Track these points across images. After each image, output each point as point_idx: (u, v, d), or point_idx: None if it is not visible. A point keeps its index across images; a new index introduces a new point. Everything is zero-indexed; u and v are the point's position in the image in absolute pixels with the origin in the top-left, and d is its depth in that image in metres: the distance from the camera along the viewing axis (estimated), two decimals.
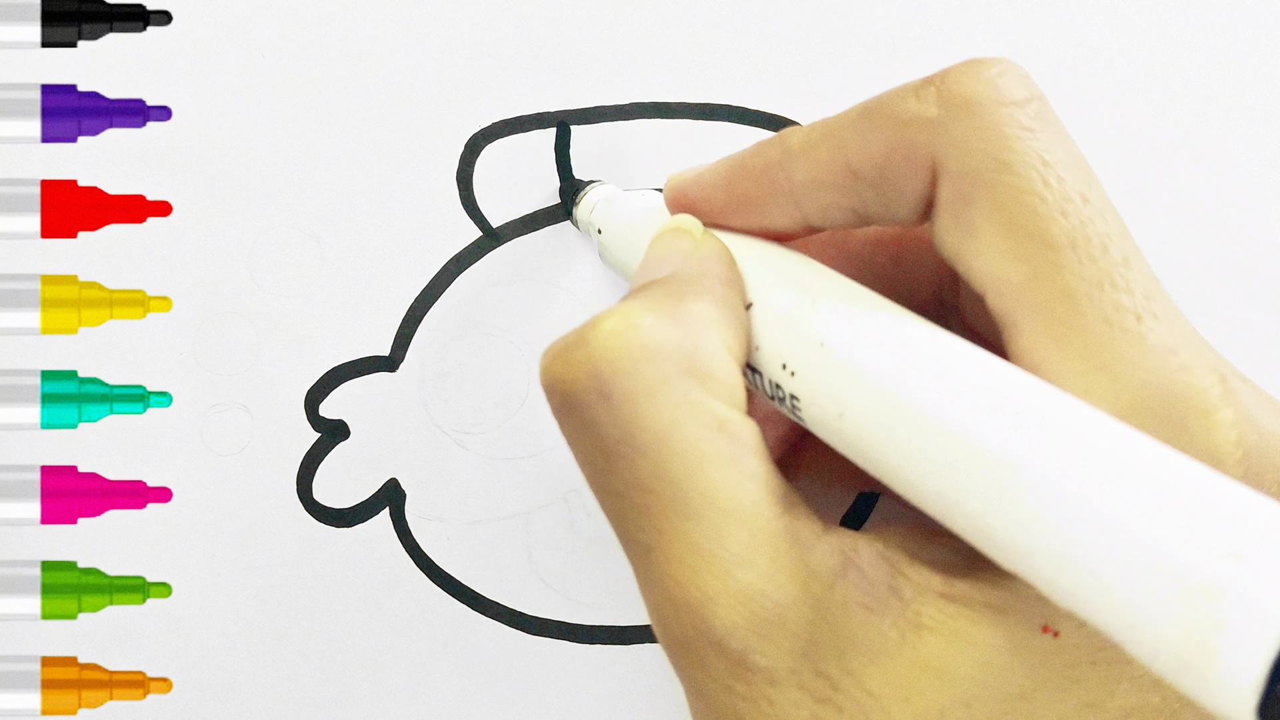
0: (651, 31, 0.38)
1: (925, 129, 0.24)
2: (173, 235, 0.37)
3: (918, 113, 0.24)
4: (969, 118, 0.23)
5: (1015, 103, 0.23)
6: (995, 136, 0.23)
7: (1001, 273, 0.23)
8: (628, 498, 0.24)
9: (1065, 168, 0.23)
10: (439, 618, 0.37)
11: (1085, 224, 0.23)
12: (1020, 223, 0.23)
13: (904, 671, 0.22)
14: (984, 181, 0.23)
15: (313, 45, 0.37)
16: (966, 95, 0.23)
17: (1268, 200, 0.39)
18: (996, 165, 0.23)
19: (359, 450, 0.37)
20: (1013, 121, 0.23)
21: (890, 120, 0.24)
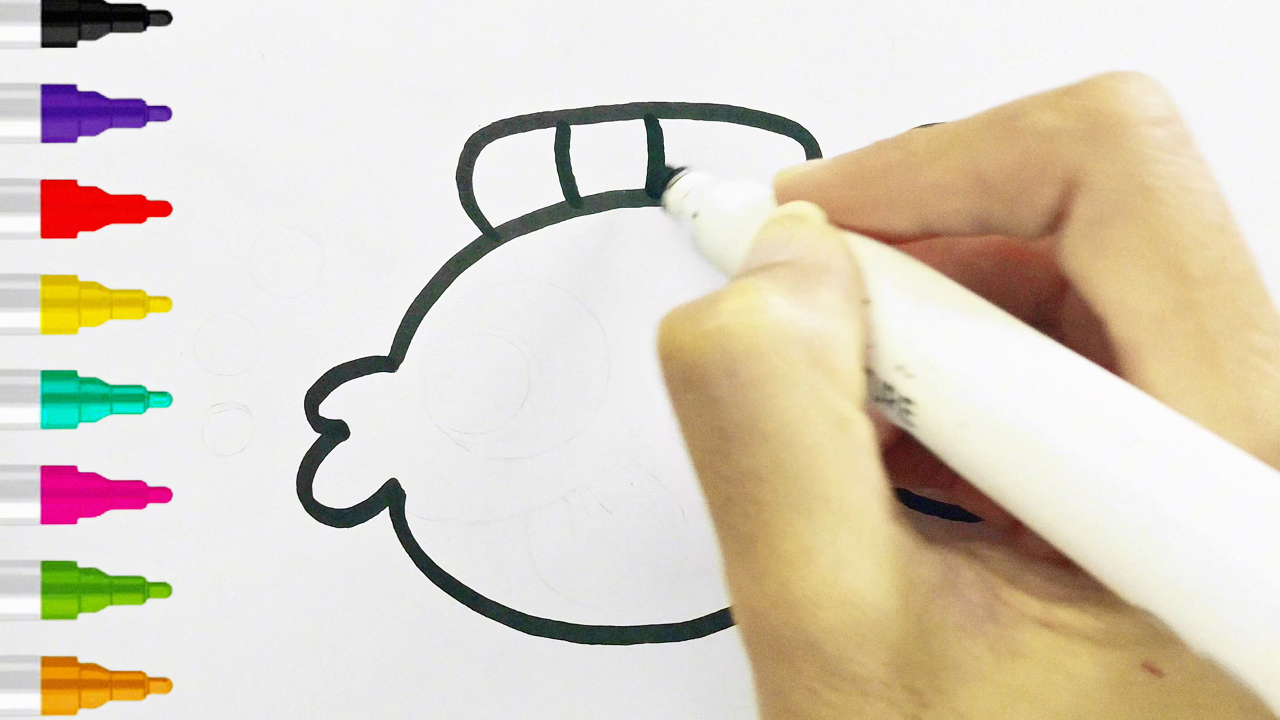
0: (651, 31, 0.38)
1: (1065, 142, 0.23)
2: (173, 235, 0.37)
3: (1058, 125, 0.23)
4: (1113, 136, 0.23)
5: (1158, 122, 0.23)
6: (1139, 159, 0.23)
7: (1135, 302, 0.22)
8: (739, 485, 0.23)
9: (1206, 196, 0.23)
10: (439, 618, 0.37)
11: (1224, 258, 0.23)
12: (1161, 253, 0.22)
13: (996, 696, 0.22)
14: (1126, 205, 0.23)
15: (313, 45, 0.37)
16: (1110, 111, 0.23)
17: (1268, 200, 0.39)
18: (1140, 190, 0.23)
19: (359, 450, 0.37)
20: (1156, 143, 0.23)
21: (1028, 131, 0.24)
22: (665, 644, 0.37)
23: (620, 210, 0.38)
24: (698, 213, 0.31)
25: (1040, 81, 0.38)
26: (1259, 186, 0.39)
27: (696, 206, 0.31)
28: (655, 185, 0.36)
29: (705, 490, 0.24)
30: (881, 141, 0.26)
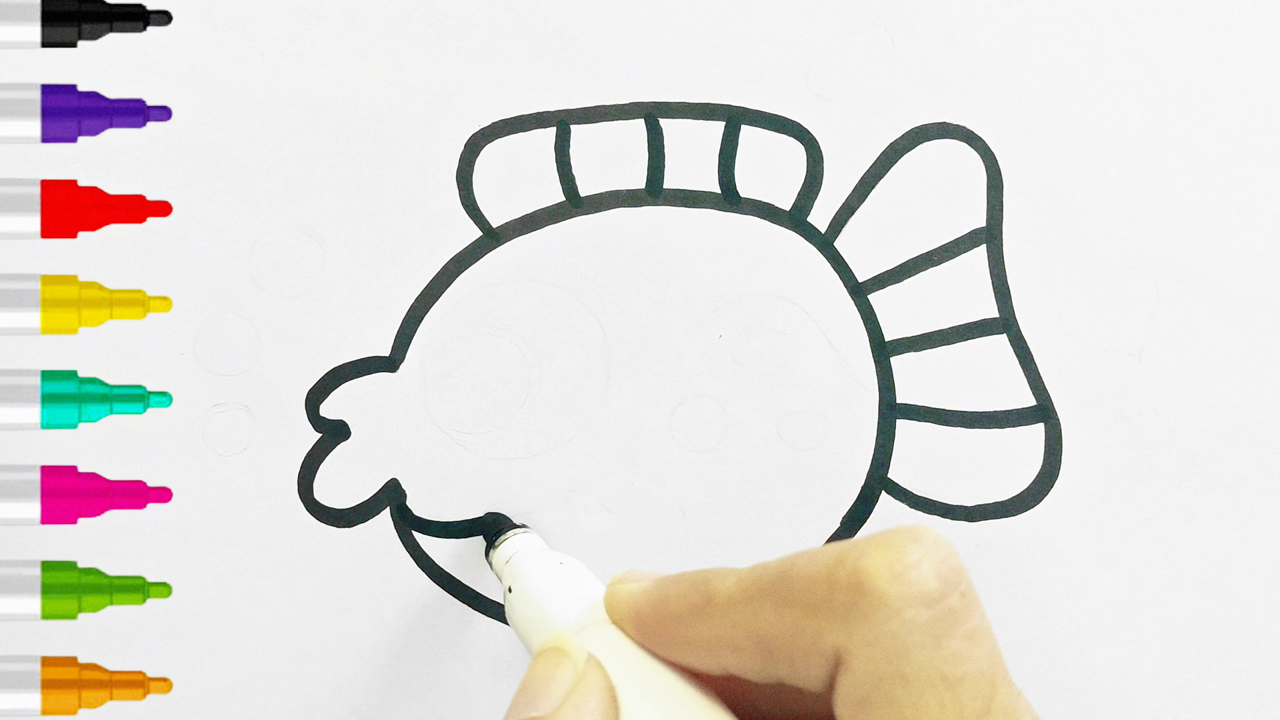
0: (651, 31, 0.38)
1: (831, 619, 0.23)
2: (173, 235, 0.37)
3: (827, 600, 0.23)
4: (875, 618, 0.23)
5: (926, 601, 0.23)
6: (897, 646, 0.23)
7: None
8: None
9: (967, 685, 0.23)
10: (439, 617, 0.37)
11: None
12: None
13: None
14: (882, 693, 0.23)
15: (313, 45, 0.37)
16: (874, 589, 0.23)
17: (1268, 200, 0.39)
18: (896, 678, 0.23)
19: (360, 450, 0.37)
20: (918, 628, 0.23)
21: (801, 602, 0.24)
22: None
23: (620, 210, 0.38)
24: (512, 588, 0.31)
25: (1040, 82, 0.38)
26: (1259, 186, 0.39)
27: (511, 581, 0.32)
28: (487, 536, 0.37)
29: None
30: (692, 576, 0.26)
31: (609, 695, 0.26)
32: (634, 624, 0.27)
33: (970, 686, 0.23)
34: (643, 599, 0.27)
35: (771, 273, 0.38)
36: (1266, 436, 0.39)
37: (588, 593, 0.30)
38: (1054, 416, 0.38)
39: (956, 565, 0.23)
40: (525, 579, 0.31)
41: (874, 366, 0.38)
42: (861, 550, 0.23)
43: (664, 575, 0.28)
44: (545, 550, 0.33)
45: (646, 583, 0.27)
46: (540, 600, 0.30)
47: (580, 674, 0.26)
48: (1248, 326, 0.38)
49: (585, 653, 0.27)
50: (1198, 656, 0.39)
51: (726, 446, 0.38)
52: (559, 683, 0.26)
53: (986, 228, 0.38)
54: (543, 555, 0.32)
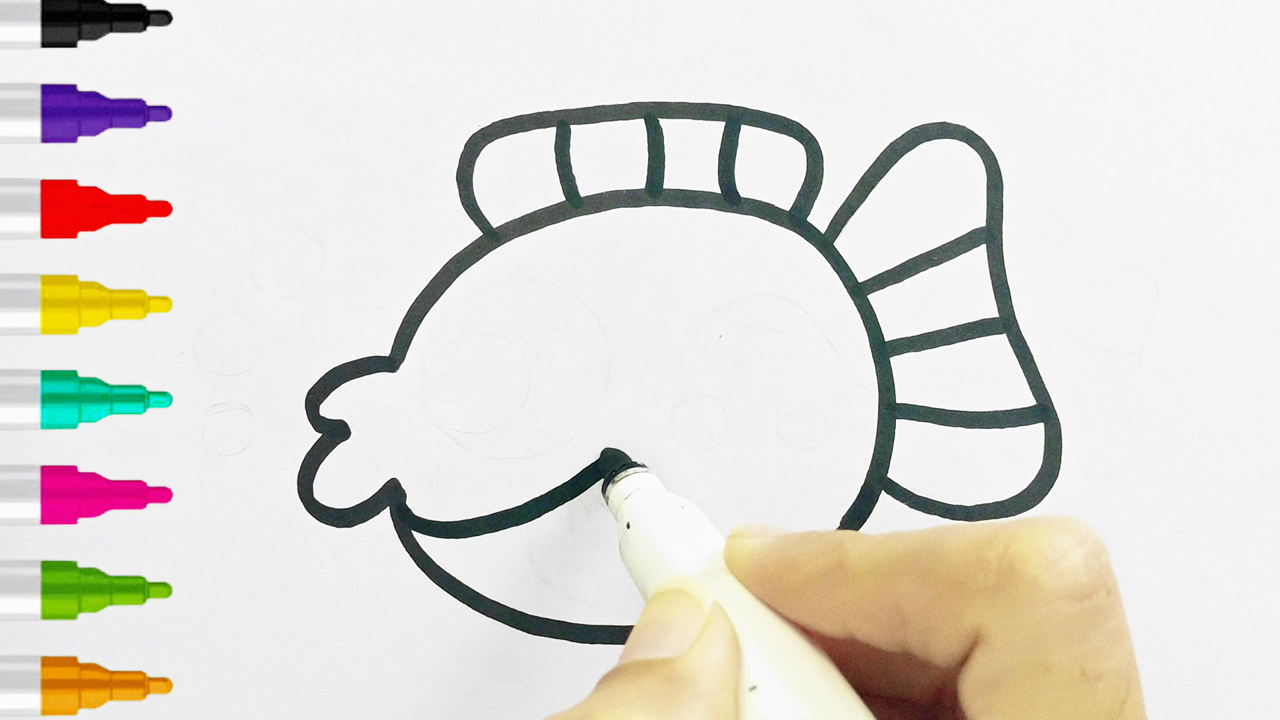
0: (651, 31, 0.38)
1: (977, 597, 0.23)
2: (173, 235, 0.37)
3: (975, 579, 0.23)
4: (1023, 604, 0.23)
5: (1076, 594, 0.23)
6: (1041, 636, 0.23)
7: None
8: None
9: (1105, 680, 0.23)
10: (439, 617, 0.37)
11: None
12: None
13: None
14: (1019, 677, 0.23)
15: (313, 45, 0.37)
16: (1026, 575, 0.23)
17: (1268, 200, 0.39)
18: (1037, 667, 0.23)
19: (360, 450, 0.37)
20: (1064, 621, 0.23)
21: (946, 577, 0.24)
22: None
23: (620, 210, 0.38)
24: (630, 524, 0.31)
25: (1040, 82, 0.38)
26: (1259, 186, 0.39)
27: (630, 518, 0.32)
28: (605, 471, 0.36)
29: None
30: (823, 540, 0.26)
31: (735, 642, 0.26)
32: (756, 580, 0.27)
33: (1108, 684, 0.23)
34: (768, 557, 0.27)
35: (771, 273, 0.38)
36: (1266, 436, 0.39)
37: (707, 540, 0.30)
38: (1054, 416, 0.38)
39: (1106, 561, 0.23)
40: (645, 518, 0.31)
41: (874, 366, 0.38)
42: (1014, 534, 0.23)
43: (789, 533, 0.27)
44: (665, 492, 0.33)
45: (770, 539, 0.27)
46: (660, 541, 0.30)
47: (707, 618, 0.26)
48: (1248, 326, 0.38)
49: (711, 597, 0.27)
50: (1198, 657, 0.39)
51: (726, 446, 0.38)
52: (686, 624, 0.26)
53: (986, 228, 0.38)
54: (663, 496, 0.32)
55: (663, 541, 0.30)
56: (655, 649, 0.26)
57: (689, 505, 0.31)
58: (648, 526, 0.30)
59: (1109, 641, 0.23)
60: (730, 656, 0.26)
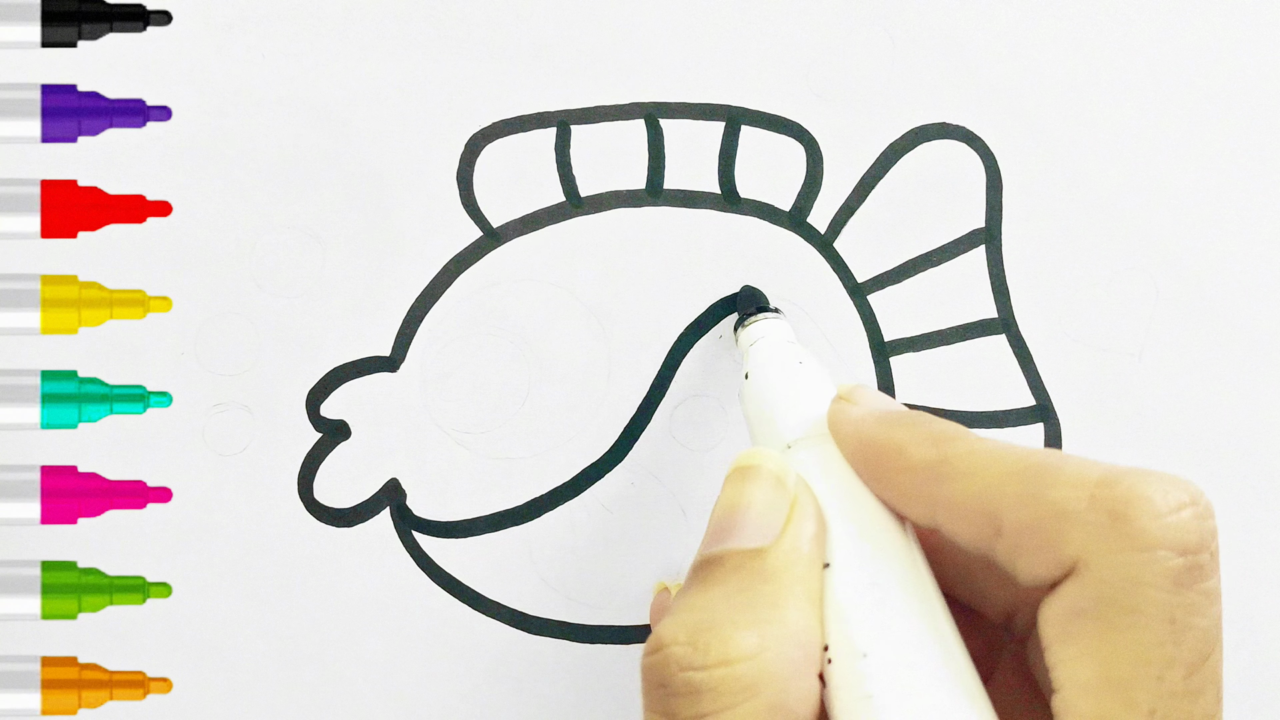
0: (651, 31, 0.38)
1: (1081, 529, 0.24)
2: (173, 235, 0.37)
3: (1084, 515, 0.24)
4: (1128, 548, 0.23)
5: (1181, 550, 0.23)
6: (1139, 579, 0.23)
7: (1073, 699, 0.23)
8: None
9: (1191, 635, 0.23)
10: (439, 617, 0.37)
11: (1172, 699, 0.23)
12: (1115, 672, 0.23)
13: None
14: (1108, 613, 0.23)
15: (313, 45, 0.37)
16: (1136, 522, 0.23)
17: (1268, 200, 0.39)
18: (1126, 606, 0.23)
19: (360, 450, 0.37)
20: (1165, 573, 0.23)
21: (1054, 504, 0.24)
22: None
23: (620, 210, 0.38)
24: (748, 374, 0.31)
25: (1040, 82, 0.38)
26: (1259, 186, 0.39)
27: (749, 368, 0.31)
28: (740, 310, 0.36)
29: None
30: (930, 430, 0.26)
31: (822, 526, 0.26)
32: (855, 453, 0.27)
33: (1193, 638, 0.23)
34: (872, 432, 0.27)
35: (771, 273, 0.38)
36: (1266, 436, 0.39)
37: (821, 398, 0.29)
38: (1054, 416, 0.38)
39: (1213, 526, 0.24)
40: (762, 371, 0.31)
41: (873, 367, 0.38)
42: (1133, 480, 0.24)
43: (896, 409, 0.27)
44: (790, 344, 0.33)
45: (877, 411, 0.27)
46: (771, 400, 0.30)
47: (793, 501, 0.26)
48: (1248, 326, 0.38)
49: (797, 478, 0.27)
50: None
51: (726, 446, 0.38)
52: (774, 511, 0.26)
53: (986, 228, 0.38)
54: (785, 349, 0.32)
55: (773, 400, 0.30)
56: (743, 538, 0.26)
57: (809, 360, 0.31)
58: (762, 381, 0.30)
59: (1203, 599, 0.23)
60: (818, 537, 0.26)
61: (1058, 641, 0.24)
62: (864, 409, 0.27)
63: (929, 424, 0.26)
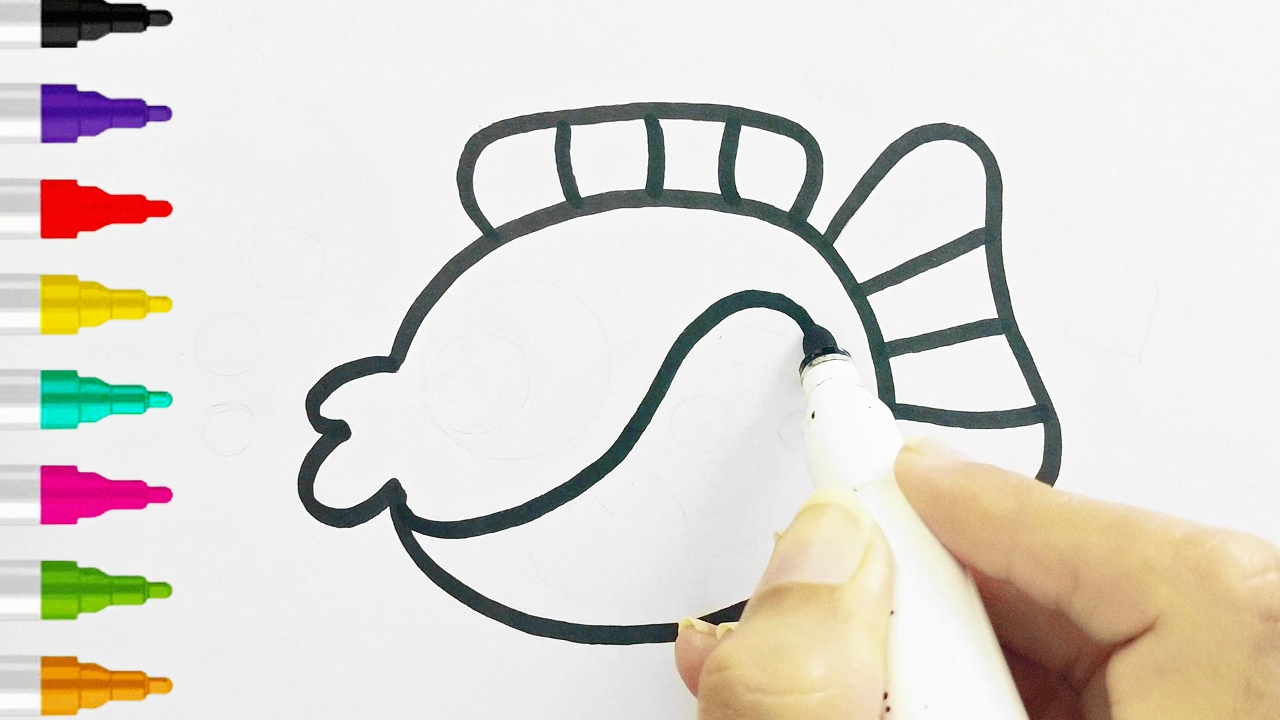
0: (651, 31, 0.38)
1: (1166, 587, 0.24)
2: (173, 235, 0.37)
3: (1170, 570, 0.24)
4: (1212, 609, 0.23)
5: (1265, 614, 0.23)
6: (1221, 641, 0.23)
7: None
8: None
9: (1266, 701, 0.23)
10: (439, 618, 0.37)
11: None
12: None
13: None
14: (1187, 673, 0.23)
15: (313, 45, 0.37)
16: (1223, 587, 0.23)
17: (1268, 200, 0.39)
18: (1207, 669, 0.23)
19: (360, 450, 0.37)
20: (1246, 636, 0.23)
21: (1140, 556, 0.24)
22: (665, 644, 0.37)
23: (620, 210, 0.38)
24: (815, 414, 0.31)
25: (1040, 82, 0.38)
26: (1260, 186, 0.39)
27: (815, 408, 0.31)
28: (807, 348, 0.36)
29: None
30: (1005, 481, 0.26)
31: (894, 571, 0.26)
32: (925, 502, 0.27)
33: (1266, 706, 0.23)
34: (945, 482, 0.27)
35: (771, 273, 0.38)
36: (1266, 437, 0.39)
37: (887, 446, 0.29)
38: (1054, 417, 0.38)
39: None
40: (828, 413, 0.31)
41: (873, 367, 0.38)
42: (1219, 540, 0.24)
43: (968, 460, 0.27)
44: (858, 387, 0.33)
45: (948, 462, 0.27)
46: (836, 442, 0.30)
47: (868, 542, 0.26)
48: (1248, 326, 0.38)
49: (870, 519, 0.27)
50: None
51: (726, 446, 0.38)
52: (848, 548, 0.26)
53: (986, 228, 0.38)
54: (853, 393, 0.32)
55: (839, 442, 0.29)
56: (817, 572, 0.26)
57: (877, 405, 0.31)
58: (829, 423, 0.30)
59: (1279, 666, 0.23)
60: (889, 581, 0.26)
61: (1132, 696, 0.24)
62: (934, 459, 0.27)
63: (1003, 475, 0.26)
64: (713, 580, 0.38)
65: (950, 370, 0.38)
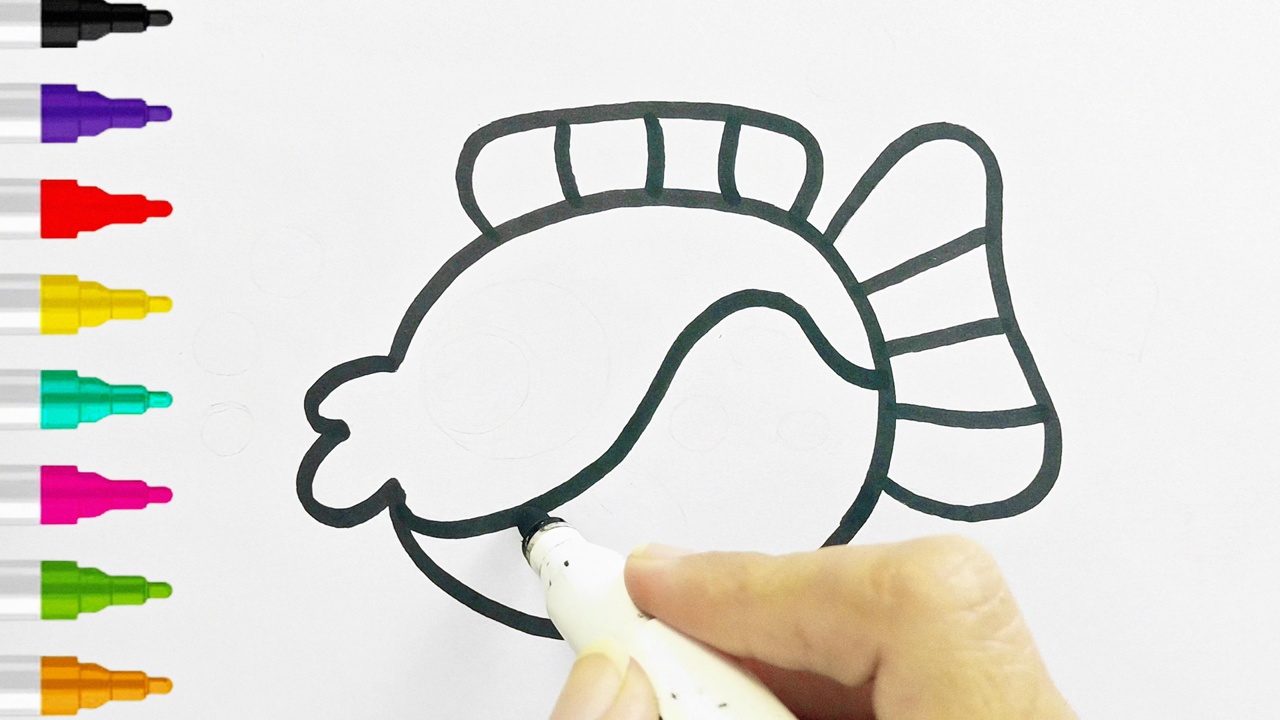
0: (651, 31, 0.38)
1: (876, 619, 0.24)
2: (173, 235, 0.37)
3: (872, 602, 0.24)
4: (919, 619, 0.24)
5: (968, 605, 0.24)
6: (943, 646, 0.23)
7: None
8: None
9: (1013, 683, 0.23)
10: (439, 618, 0.37)
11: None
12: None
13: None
14: (929, 691, 0.23)
15: (313, 45, 0.37)
16: (919, 594, 0.24)
17: (1268, 200, 0.39)
18: (943, 678, 0.23)
19: (359, 450, 0.37)
20: (962, 630, 0.23)
21: (844, 601, 0.24)
22: None
23: (620, 210, 0.38)
24: (552, 582, 0.32)
25: (1040, 82, 0.38)
26: (1259, 186, 0.39)
27: (551, 576, 0.32)
28: (523, 529, 0.37)
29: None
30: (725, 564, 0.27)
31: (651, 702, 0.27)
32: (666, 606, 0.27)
33: (1015, 685, 0.23)
34: (672, 579, 0.27)
35: (771, 273, 0.38)
36: (1266, 437, 0.39)
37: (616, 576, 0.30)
38: (1054, 416, 0.38)
39: (996, 574, 0.24)
40: (564, 576, 0.31)
41: (874, 366, 0.38)
42: (905, 555, 0.24)
43: (691, 554, 0.28)
44: (584, 545, 0.33)
45: (672, 560, 0.28)
46: (579, 598, 0.30)
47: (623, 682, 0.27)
48: (1248, 326, 0.38)
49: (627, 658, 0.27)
50: (1197, 657, 0.39)
51: (726, 446, 0.38)
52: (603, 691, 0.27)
53: (986, 228, 0.38)
54: (581, 551, 0.32)
55: (583, 597, 0.30)
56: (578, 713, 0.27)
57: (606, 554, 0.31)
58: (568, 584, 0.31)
59: (1010, 645, 0.24)
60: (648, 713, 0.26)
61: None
62: (658, 561, 0.28)
63: (727, 558, 0.27)
64: None
65: (950, 370, 0.38)
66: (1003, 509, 0.38)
